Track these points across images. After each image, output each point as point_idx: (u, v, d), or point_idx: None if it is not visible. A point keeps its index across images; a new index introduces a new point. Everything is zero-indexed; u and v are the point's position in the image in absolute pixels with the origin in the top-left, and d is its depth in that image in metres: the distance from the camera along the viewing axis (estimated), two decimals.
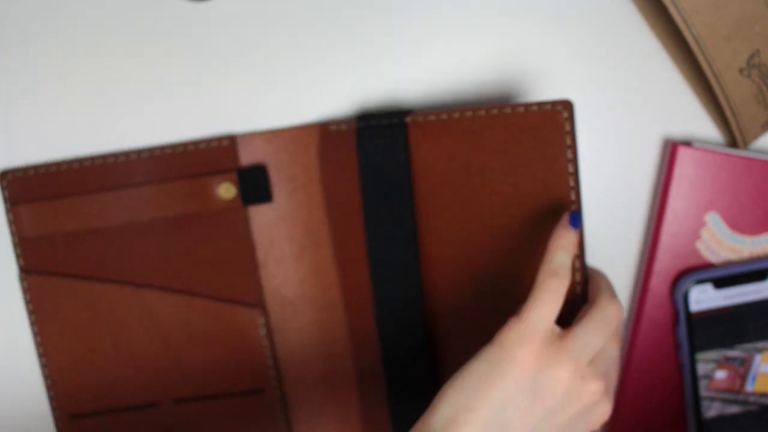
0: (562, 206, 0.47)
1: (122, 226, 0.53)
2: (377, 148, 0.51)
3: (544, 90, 0.53)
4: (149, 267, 0.54)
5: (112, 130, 0.54)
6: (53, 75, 0.53)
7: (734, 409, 0.53)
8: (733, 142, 0.53)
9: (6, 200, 0.53)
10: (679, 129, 0.54)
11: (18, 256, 0.54)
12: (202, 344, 0.54)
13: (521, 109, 0.47)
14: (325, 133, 0.52)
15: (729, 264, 0.53)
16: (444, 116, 0.49)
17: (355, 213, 0.52)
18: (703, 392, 0.53)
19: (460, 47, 0.53)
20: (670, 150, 0.52)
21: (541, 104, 0.46)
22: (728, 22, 0.47)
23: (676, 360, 0.54)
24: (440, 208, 0.51)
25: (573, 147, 0.46)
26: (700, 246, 0.53)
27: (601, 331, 0.43)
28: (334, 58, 0.53)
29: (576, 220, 0.45)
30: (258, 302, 0.54)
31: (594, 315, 0.44)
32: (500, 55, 0.53)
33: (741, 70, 0.49)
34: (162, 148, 0.53)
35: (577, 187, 0.46)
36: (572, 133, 0.46)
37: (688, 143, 0.52)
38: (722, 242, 0.53)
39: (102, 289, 0.54)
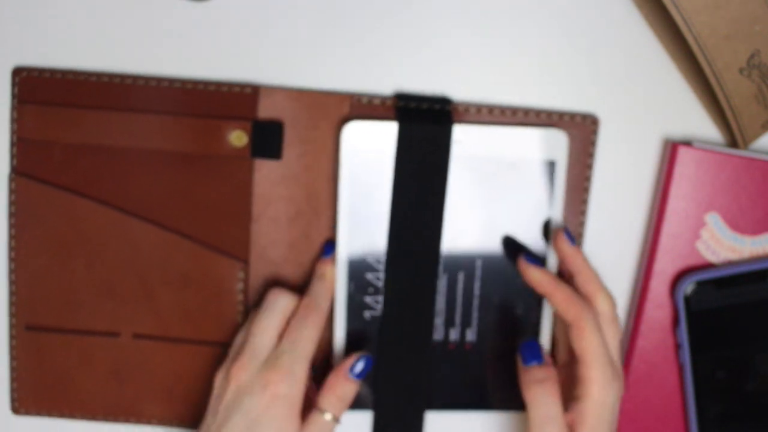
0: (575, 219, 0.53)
1: (125, 149, 0.52)
2: (421, 130, 0.50)
3: (543, 90, 0.53)
4: (142, 196, 0.53)
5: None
6: None
7: (734, 409, 0.53)
8: (733, 142, 0.53)
9: (14, 97, 0.52)
10: (679, 129, 0.54)
11: (12, 156, 0.53)
12: (176, 286, 0.53)
13: (556, 116, 0.52)
14: (357, 104, 0.52)
15: (729, 264, 0.53)
16: (484, 110, 0.52)
17: None
18: (703, 392, 0.53)
19: (457, 46, 0.53)
20: (670, 150, 0.52)
21: (573, 115, 0.52)
22: (728, 22, 0.47)
23: (676, 360, 0.54)
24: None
25: (593, 156, 0.53)
26: (700, 246, 0.53)
27: None
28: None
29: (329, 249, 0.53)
30: (242, 256, 0.53)
31: None
32: (499, 54, 0.53)
33: (741, 70, 0.49)
34: (183, 81, 0.52)
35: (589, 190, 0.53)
36: (595, 144, 0.53)
37: (688, 143, 0.52)
38: (722, 242, 0.53)
39: (89, 207, 0.53)
